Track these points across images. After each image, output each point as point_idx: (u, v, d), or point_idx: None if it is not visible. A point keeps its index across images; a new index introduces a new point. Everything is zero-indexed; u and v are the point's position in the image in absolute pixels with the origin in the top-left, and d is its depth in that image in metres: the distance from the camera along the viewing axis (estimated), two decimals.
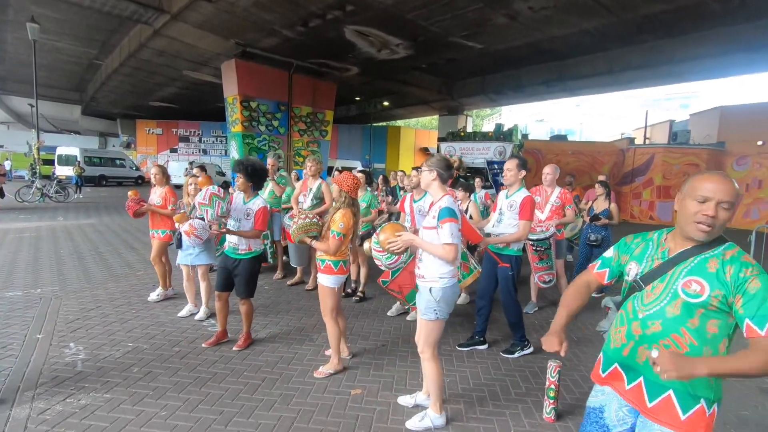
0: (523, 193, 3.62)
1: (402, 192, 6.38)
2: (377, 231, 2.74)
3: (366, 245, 3.31)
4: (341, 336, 3.49)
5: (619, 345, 1.55)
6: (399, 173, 5.55)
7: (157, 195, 4.84)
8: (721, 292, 1.35)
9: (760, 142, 14.52)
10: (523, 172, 3.70)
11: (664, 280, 1.47)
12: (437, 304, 2.52)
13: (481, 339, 3.98)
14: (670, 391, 1.43)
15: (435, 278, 2.52)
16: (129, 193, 4.80)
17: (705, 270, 1.40)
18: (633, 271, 1.57)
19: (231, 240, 3.66)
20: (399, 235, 2.56)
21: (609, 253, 1.72)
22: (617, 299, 1.74)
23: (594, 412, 1.65)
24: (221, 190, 3.64)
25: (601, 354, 1.68)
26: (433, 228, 2.49)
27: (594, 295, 4.93)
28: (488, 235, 3.81)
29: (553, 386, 2.76)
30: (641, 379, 1.49)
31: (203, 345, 3.73)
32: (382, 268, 2.91)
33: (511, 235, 3.61)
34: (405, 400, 2.93)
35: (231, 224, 3.66)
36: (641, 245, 1.62)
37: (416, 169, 4.53)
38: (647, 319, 1.47)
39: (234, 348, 3.70)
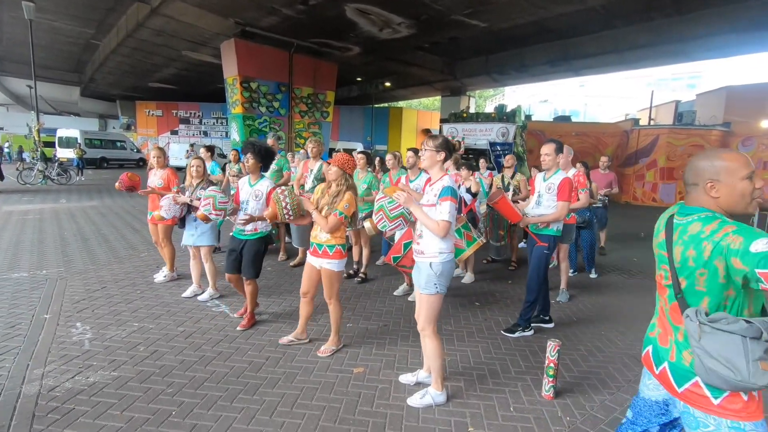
0: (561, 175, 3.71)
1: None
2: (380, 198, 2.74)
3: (367, 224, 3.38)
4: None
5: None
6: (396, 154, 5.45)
7: (158, 177, 4.83)
8: None
9: (766, 123, 14.34)
10: (561, 156, 3.78)
11: None
12: (437, 278, 2.58)
13: (546, 317, 4.06)
14: None
15: (435, 253, 2.58)
16: (123, 175, 4.82)
17: None
18: None
19: (237, 221, 3.71)
20: (402, 190, 2.61)
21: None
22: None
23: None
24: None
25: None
26: (433, 205, 2.55)
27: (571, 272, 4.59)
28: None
29: (552, 365, 2.79)
30: None
31: (238, 328, 3.75)
32: (382, 225, 2.88)
33: (549, 215, 3.71)
34: (406, 378, 2.99)
35: (245, 210, 3.70)
36: None
37: (412, 150, 4.50)
38: None
39: (238, 328, 3.75)
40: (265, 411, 2.60)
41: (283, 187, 3.13)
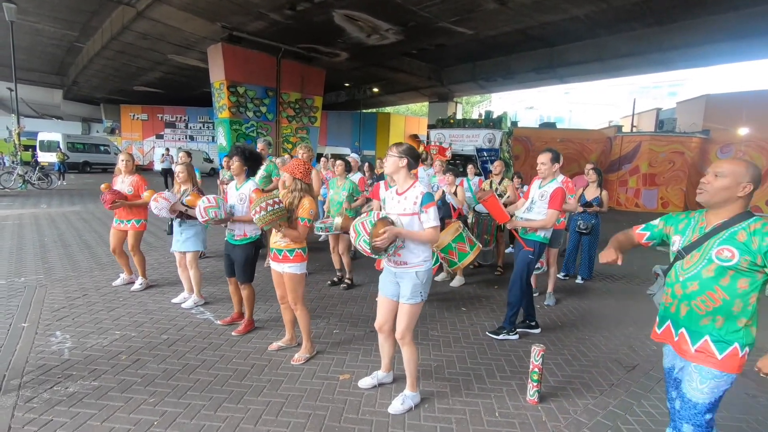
0: (556, 184, 3.72)
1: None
2: (369, 216, 2.53)
3: (338, 219, 3.37)
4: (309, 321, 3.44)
5: (667, 304, 1.93)
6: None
7: (126, 184, 4.73)
8: (749, 258, 1.69)
9: (743, 131, 14.75)
10: (557, 165, 3.79)
11: (701, 249, 1.82)
12: (423, 287, 2.61)
13: (533, 323, 4.07)
14: (707, 337, 1.80)
15: (420, 262, 2.59)
16: (101, 186, 4.70)
17: (735, 240, 1.74)
18: (677, 243, 1.92)
19: (229, 226, 3.71)
20: (384, 232, 2.46)
21: (654, 221, 2.07)
22: (665, 268, 2.02)
23: (668, 372, 2.02)
24: (215, 198, 3.55)
25: (657, 316, 2.02)
26: (413, 214, 2.54)
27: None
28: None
29: (536, 369, 2.82)
30: (683, 329, 1.87)
31: (233, 333, 3.73)
32: (360, 247, 2.58)
33: (537, 221, 3.72)
34: (366, 383, 2.98)
35: (234, 215, 3.70)
36: (684, 221, 1.95)
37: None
38: (686, 281, 1.84)
39: (234, 333, 3.73)
40: (250, 420, 2.57)
41: (274, 199, 2.95)
